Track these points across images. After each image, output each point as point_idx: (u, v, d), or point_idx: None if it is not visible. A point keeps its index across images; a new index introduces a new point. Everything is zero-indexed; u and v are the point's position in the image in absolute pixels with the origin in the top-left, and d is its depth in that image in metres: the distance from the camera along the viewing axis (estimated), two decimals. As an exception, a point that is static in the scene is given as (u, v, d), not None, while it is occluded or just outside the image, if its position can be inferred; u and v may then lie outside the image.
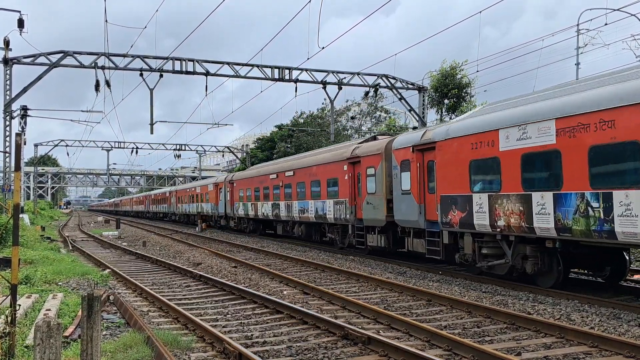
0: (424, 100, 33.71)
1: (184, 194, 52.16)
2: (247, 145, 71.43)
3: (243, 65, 29.20)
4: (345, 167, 20.39)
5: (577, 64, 39.17)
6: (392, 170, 17.29)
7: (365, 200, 18.96)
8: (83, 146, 60.34)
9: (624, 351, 7.54)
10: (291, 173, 26.05)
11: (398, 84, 32.79)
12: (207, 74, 28.44)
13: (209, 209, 42.29)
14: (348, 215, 20.17)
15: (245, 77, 29.39)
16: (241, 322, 9.93)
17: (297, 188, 25.09)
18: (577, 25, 36.96)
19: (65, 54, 26.73)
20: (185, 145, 63.15)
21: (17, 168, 6.95)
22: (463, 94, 39.46)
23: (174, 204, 57.13)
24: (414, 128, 32.40)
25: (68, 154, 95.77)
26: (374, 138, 20.81)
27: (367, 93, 32.93)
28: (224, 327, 9.55)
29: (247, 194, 32.72)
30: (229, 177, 37.69)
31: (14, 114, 29.65)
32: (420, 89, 33.77)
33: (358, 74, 31.42)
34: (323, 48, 22.28)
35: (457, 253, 14.55)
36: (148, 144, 62.68)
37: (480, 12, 22.08)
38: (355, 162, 19.76)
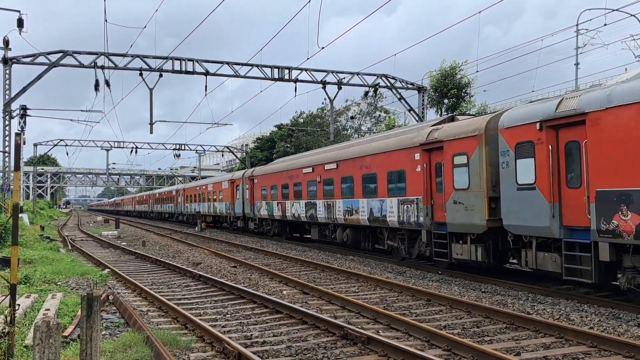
0: (423, 100, 33.72)
1: (193, 192, 47.98)
2: (246, 145, 71.45)
3: (243, 65, 29.23)
4: (418, 156, 15.96)
5: (577, 64, 39.24)
6: (496, 158, 13.04)
7: (452, 198, 14.46)
8: (82, 146, 60.40)
9: (623, 351, 7.54)
10: (333, 165, 21.44)
11: (397, 84, 32.81)
12: (206, 73, 28.44)
13: (222, 208, 37.97)
14: (422, 218, 15.75)
15: (244, 77, 29.41)
16: (241, 322, 9.93)
17: (341, 184, 20.67)
18: (577, 25, 37.01)
19: (65, 53, 26.73)
20: (184, 145, 63.19)
21: (17, 168, 6.94)
22: (462, 94, 39.51)
23: (181, 204, 53.26)
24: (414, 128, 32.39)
25: (67, 154, 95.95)
26: (452, 119, 16.33)
27: (366, 93, 32.96)
28: (223, 327, 9.55)
29: (271, 192, 28.14)
30: (248, 173, 32.70)
31: (14, 114, 29.64)
32: (420, 89, 33.79)
33: (357, 73, 31.44)
34: (323, 48, 22.30)
35: (622, 274, 10.38)
36: (147, 143, 62.73)
37: (480, 12, 22.09)
38: (434, 148, 15.31)
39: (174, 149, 62.34)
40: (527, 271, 14.47)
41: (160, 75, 27.84)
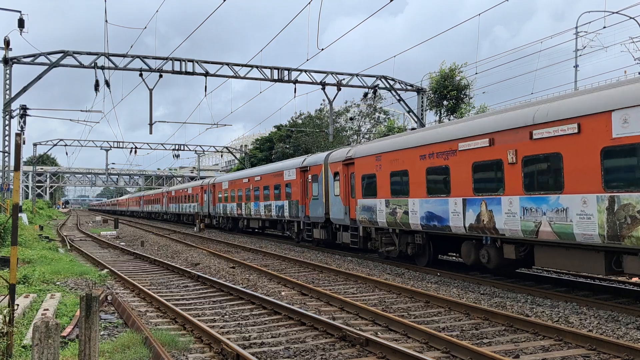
0: (422, 102, 33.75)
1: (235, 186, 34.75)
2: (245, 145, 71.46)
3: (242, 66, 29.24)
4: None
5: (576, 66, 39.28)
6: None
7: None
8: (82, 146, 60.41)
9: (622, 354, 7.55)
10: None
11: (397, 85, 32.84)
12: (206, 74, 28.47)
13: (285, 210, 26.77)
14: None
15: (244, 77, 29.44)
16: (239, 323, 9.93)
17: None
18: (576, 27, 37.07)
19: (65, 53, 26.74)
20: (184, 145, 63.20)
21: (17, 168, 6.95)
22: (462, 96, 39.57)
23: (209, 203, 41.89)
24: (413, 129, 32.47)
25: (67, 154, 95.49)
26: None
27: (366, 94, 32.98)
28: (221, 327, 9.55)
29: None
30: (340, 155, 22.07)
31: (14, 114, 29.63)
32: (419, 91, 33.82)
33: (357, 75, 31.48)
34: (322, 49, 22.30)
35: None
36: (147, 143, 62.72)
37: (479, 14, 22.10)
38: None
39: (173, 149, 62.34)
40: (524, 273, 14.52)
41: (160, 76, 27.87)
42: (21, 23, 26.03)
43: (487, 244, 13.31)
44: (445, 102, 39.83)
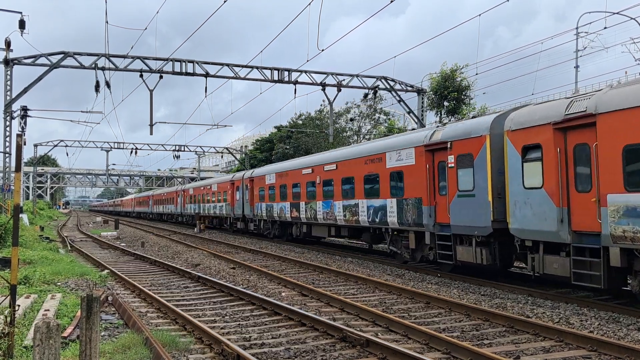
0: (422, 103, 33.75)
1: (285, 180, 26.69)
2: (246, 146, 71.47)
3: (243, 66, 29.25)
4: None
5: (576, 66, 39.29)
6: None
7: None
8: (82, 147, 60.40)
9: (623, 355, 7.54)
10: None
11: (397, 86, 32.84)
12: (206, 75, 28.47)
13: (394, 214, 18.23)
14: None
15: (244, 78, 29.43)
16: (239, 324, 9.93)
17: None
18: (577, 28, 37.09)
19: (66, 54, 26.75)
20: (184, 146, 63.17)
21: (18, 169, 6.95)
22: (462, 97, 39.57)
23: (242, 203, 33.66)
24: (412, 129, 32.48)
25: (67, 155, 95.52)
26: None
27: (366, 95, 32.97)
28: (222, 328, 9.55)
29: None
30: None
31: (14, 115, 29.65)
32: (419, 91, 33.82)
33: (357, 75, 31.47)
34: (323, 50, 22.31)
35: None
36: (147, 144, 62.69)
37: (480, 15, 22.10)
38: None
39: (173, 150, 62.32)
40: (525, 273, 14.51)
41: (161, 77, 27.87)
42: (22, 24, 26.05)
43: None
44: (445, 103, 39.83)
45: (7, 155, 29.29)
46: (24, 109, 33.88)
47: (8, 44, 26.36)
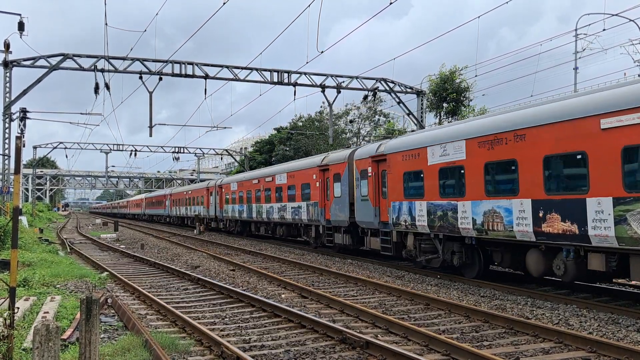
0: (422, 104, 33.77)
1: (409, 163, 19.90)
2: (245, 148, 71.46)
3: (242, 68, 29.26)
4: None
5: (576, 68, 39.35)
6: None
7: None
8: (82, 148, 60.39)
9: (622, 356, 7.54)
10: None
11: (397, 88, 32.86)
12: (206, 77, 28.48)
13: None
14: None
15: (244, 80, 29.44)
16: (239, 326, 9.92)
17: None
18: (576, 30, 37.14)
19: (65, 56, 26.75)
20: (184, 147, 63.13)
21: (17, 171, 6.95)
22: (462, 98, 39.60)
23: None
24: (412, 131, 32.46)
25: (67, 157, 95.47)
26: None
27: (365, 97, 32.98)
28: (221, 330, 9.55)
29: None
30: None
31: (14, 117, 29.65)
32: (419, 93, 33.84)
33: (357, 77, 31.48)
34: (322, 52, 22.31)
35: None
36: (147, 146, 62.67)
37: (479, 16, 22.16)
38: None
39: (173, 152, 62.30)
40: (525, 274, 14.54)
41: (160, 79, 27.88)
42: (21, 26, 26.05)
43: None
44: (445, 105, 39.86)
45: (6, 157, 29.27)
46: (23, 111, 33.90)
47: (7, 45, 26.37)
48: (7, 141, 28.72)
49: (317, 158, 23.75)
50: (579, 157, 10.70)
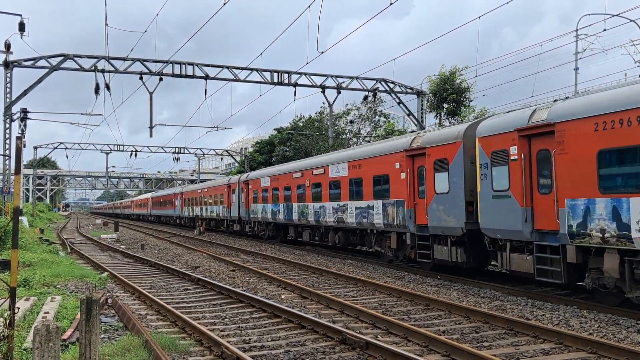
0: (422, 105, 33.77)
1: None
2: (246, 148, 71.46)
3: (243, 69, 29.26)
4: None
5: (576, 68, 39.33)
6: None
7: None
8: (82, 149, 60.39)
9: (622, 357, 7.54)
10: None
11: (397, 88, 32.86)
12: (206, 77, 28.48)
13: None
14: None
15: (244, 80, 29.45)
16: (239, 326, 9.93)
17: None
18: (576, 30, 37.15)
19: (66, 57, 26.75)
20: (184, 148, 63.14)
21: (17, 171, 6.96)
22: (462, 99, 39.60)
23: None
24: (412, 131, 32.42)
25: (67, 157, 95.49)
26: None
27: (365, 97, 32.97)
28: (221, 331, 9.55)
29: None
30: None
31: (14, 117, 29.67)
32: (419, 94, 33.84)
33: (357, 78, 31.48)
34: (322, 52, 22.31)
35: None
36: (147, 146, 62.66)
37: (479, 17, 22.14)
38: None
39: (173, 152, 62.30)
40: (525, 275, 14.53)
41: (160, 79, 27.88)
42: (22, 27, 26.06)
43: None
44: (445, 105, 39.85)
45: (6, 157, 29.29)
46: (24, 112, 33.91)
47: (8, 46, 26.38)
48: (7, 141, 28.74)
49: (401, 140, 17.66)
50: None
